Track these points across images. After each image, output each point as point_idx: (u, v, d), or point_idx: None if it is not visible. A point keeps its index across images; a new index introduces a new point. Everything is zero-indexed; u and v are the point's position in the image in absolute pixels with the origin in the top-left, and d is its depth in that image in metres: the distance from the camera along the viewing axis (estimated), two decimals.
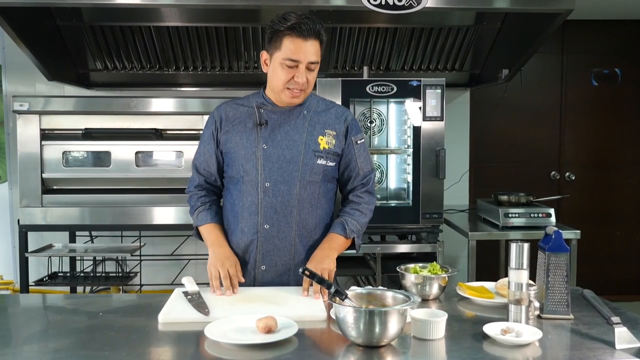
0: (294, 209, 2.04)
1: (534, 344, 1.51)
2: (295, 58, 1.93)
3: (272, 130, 2.05)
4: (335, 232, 2.08)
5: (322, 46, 1.98)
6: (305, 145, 2.04)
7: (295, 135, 2.05)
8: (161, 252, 4.30)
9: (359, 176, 2.14)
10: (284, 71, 1.95)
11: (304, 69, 1.95)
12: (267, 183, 2.02)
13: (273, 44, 1.96)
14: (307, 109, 2.09)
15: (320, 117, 2.09)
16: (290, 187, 2.03)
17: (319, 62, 1.99)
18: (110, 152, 3.63)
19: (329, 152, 2.07)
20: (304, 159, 2.04)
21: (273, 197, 2.03)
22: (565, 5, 3.18)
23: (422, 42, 3.88)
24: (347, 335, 1.49)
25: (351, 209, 2.14)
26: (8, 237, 4.31)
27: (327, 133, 2.07)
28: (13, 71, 4.25)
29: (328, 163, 2.07)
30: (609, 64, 4.71)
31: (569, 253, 1.74)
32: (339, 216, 2.15)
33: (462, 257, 4.31)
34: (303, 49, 1.92)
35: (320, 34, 1.95)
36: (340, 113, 2.13)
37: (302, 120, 2.07)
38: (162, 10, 3.52)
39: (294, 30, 1.90)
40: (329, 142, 2.07)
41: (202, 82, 4.23)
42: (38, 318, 1.86)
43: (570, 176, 4.81)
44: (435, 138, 3.47)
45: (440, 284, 1.92)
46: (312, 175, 2.05)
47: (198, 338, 1.54)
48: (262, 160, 2.03)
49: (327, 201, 2.14)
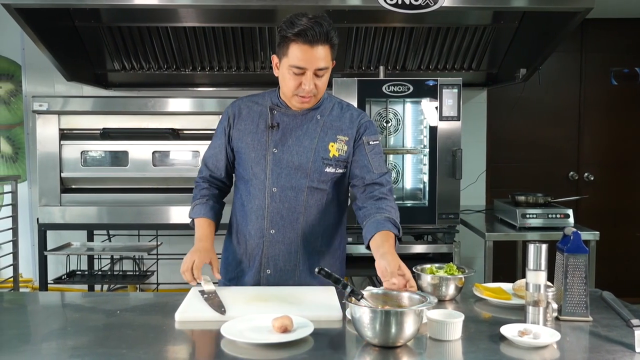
0: (301, 216, 2.02)
1: (552, 346, 1.50)
2: (301, 65, 1.87)
3: (284, 134, 2.02)
4: (388, 230, 1.88)
5: (334, 49, 1.91)
6: (315, 152, 2.00)
7: (306, 141, 2.01)
8: (178, 251, 4.31)
9: (375, 175, 2.00)
10: (292, 78, 1.91)
11: (312, 75, 1.89)
12: (275, 188, 2.00)
13: (281, 50, 1.91)
14: (321, 113, 2.04)
15: (334, 121, 2.04)
16: (297, 194, 2.01)
17: (329, 67, 1.92)
18: (128, 151, 3.66)
19: (338, 159, 2.02)
20: (312, 166, 2.00)
21: (280, 203, 2.01)
22: (584, 4, 3.15)
23: (439, 41, 3.86)
24: (363, 335, 1.48)
25: (385, 205, 1.96)
26: (27, 236, 4.36)
27: (338, 139, 2.02)
28: (32, 72, 4.31)
29: (337, 170, 2.03)
30: (629, 63, 4.65)
31: (587, 254, 1.72)
32: (372, 215, 1.93)
33: (479, 257, 4.28)
34: (310, 56, 1.86)
35: (330, 38, 1.87)
36: (355, 117, 2.06)
37: (315, 125, 2.03)
38: (179, 10, 3.54)
39: (301, 37, 1.84)
40: (340, 148, 2.02)
41: (219, 82, 4.25)
42: (56, 316, 1.88)
43: (589, 177, 4.76)
44: (451, 138, 3.45)
45: (456, 285, 1.91)
46: (320, 182, 2.02)
47: (214, 337, 1.54)
48: (272, 165, 2.01)
49: (334, 208, 2.08)
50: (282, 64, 1.93)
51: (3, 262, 3.84)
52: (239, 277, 2.11)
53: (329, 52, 1.90)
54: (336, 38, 1.92)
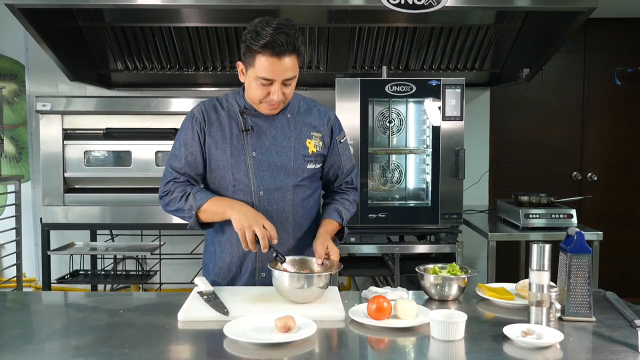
0: (289, 215, 2.03)
1: (555, 347, 1.49)
2: (269, 77, 1.86)
3: (259, 136, 2.00)
4: (332, 219, 2.08)
5: (300, 57, 1.90)
6: (295, 151, 2.02)
7: (284, 141, 2.01)
8: (180, 251, 4.33)
9: (343, 174, 2.17)
10: (259, 88, 1.89)
11: (280, 85, 1.88)
12: (261, 192, 1.99)
13: (247, 60, 1.88)
14: (290, 111, 2.04)
15: (304, 118, 2.06)
16: (284, 194, 2.01)
17: (297, 75, 1.91)
18: (131, 151, 3.67)
19: (317, 155, 2.06)
20: (294, 165, 2.02)
21: (268, 205, 2.00)
22: (587, 4, 3.15)
23: (442, 41, 3.86)
24: (279, 291, 1.82)
25: (341, 198, 2.17)
26: (31, 236, 4.37)
27: (313, 136, 2.05)
28: (36, 72, 4.32)
29: (316, 166, 2.07)
30: (632, 62, 4.63)
31: (591, 255, 1.72)
32: (329, 204, 2.16)
33: (482, 258, 4.28)
34: (277, 67, 1.84)
35: (297, 47, 1.86)
36: (323, 113, 2.10)
37: (287, 124, 2.03)
38: (182, 10, 3.54)
39: (267, 49, 1.82)
40: (317, 145, 2.05)
41: (221, 82, 4.26)
42: (60, 315, 1.89)
43: (592, 177, 4.75)
44: (454, 138, 3.45)
45: (459, 285, 1.91)
46: (304, 179, 2.05)
47: (217, 336, 1.54)
48: (254, 169, 1.99)
49: (315, 200, 2.14)
50: (248, 73, 1.92)
51: (6, 261, 3.85)
52: (230, 284, 2.07)
53: (296, 61, 1.88)
54: (302, 46, 1.90)
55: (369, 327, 1.62)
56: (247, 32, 1.87)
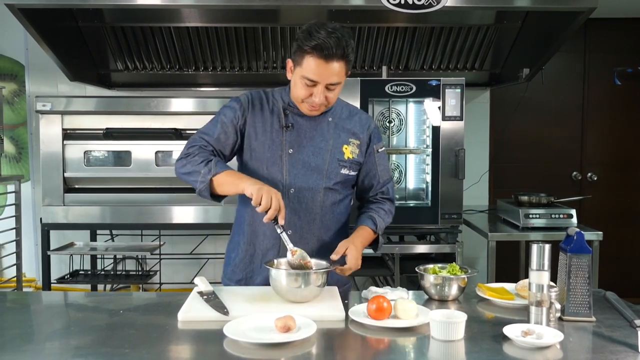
0: (317, 216, 2.03)
1: (555, 347, 1.49)
2: (314, 79, 1.87)
3: (298, 134, 2.02)
4: (366, 225, 2.05)
5: (349, 64, 1.91)
6: (331, 154, 2.02)
7: (322, 143, 2.03)
8: (180, 251, 4.33)
9: (379, 184, 2.14)
10: (303, 87, 1.91)
11: (323, 88, 1.90)
12: (292, 189, 2.00)
13: (296, 58, 1.90)
14: (332, 115, 2.06)
15: (345, 124, 2.07)
16: (314, 194, 2.02)
17: (342, 81, 1.93)
18: (131, 151, 3.67)
19: (352, 161, 2.06)
20: (328, 168, 2.02)
21: (297, 204, 2.01)
22: (587, 4, 3.15)
23: (442, 41, 3.86)
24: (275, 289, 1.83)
25: (377, 207, 2.13)
26: (31, 236, 4.37)
27: (351, 142, 2.06)
28: (36, 72, 4.32)
29: (350, 172, 2.07)
30: (632, 62, 4.63)
31: (591, 255, 1.72)
32: (364, 212, 2.13)
33: (482, 258, 4.27)
34: (323, 70, 1.86)
35: (346, 54, 1.87)
36: (364, 121, 2.11)
37: (328, 127, 2.04)
38: (182, 10, 3.55)
39: (316, 50, 1.83)
40: (353, 151, 2.06)
41: (222, 82, 4.26)
42: (60, 315, 1.88)
43: (592, 177, 4.75)
44: (454, 138, 3.45)
45: (459, 285, 1.91)
46: (336, 184, 2.04)
47: (217, 336, 1.54)
48: (288, 166, 2.00)
49: (345, 206, 2.13)
50: (295, 72, 1.93)
51: (6, 261, 3.85)
52: (248, 278, 2.08)
53: (344, 67, 1.90)
54: (353, 54, 1.91)
55: (368, 327, 1.62)
56: (301, 32, 1.89)
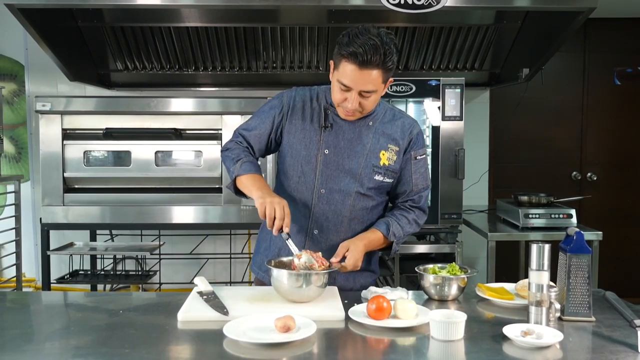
0: (345, 219, 2.02)
1: (555, 347, 1.50)
2: (347, 84, 1.86)
3: (336, 135, 2.00)
4: (378, 229, 2.02)
5: (387, 74, 1.87)
6: (366, 159, 2.00)
7: (358, 146, 2.00)
8: (180, 251, 4.33)
9: (412, 192, 2.08)
10: (338, 91, 1.90)
11: (357, 95, 1.87)
12: (323, 190, 2.00)
13: (336, 60, 1.89)
14: (374, 119, 2.02)
15: (385, 128, 2.03)
16: (344, 197, 2.00)
17: (379, 90, 1.89)
18: (131, 151, 3.66)
19: (388, 168, 2.02)
20: (362, 172, 2.00)
21: (326, 205, 2.00)
22: (587, 4, 3.14)
23: (441, 41, 3.86)
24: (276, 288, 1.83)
25: (400, 214, 2.09)
26: (30, 236, 4.37)
27: (389, 148, 2.02)
28: (35, 72, 4.32)
29: (385, 179, 2.03)
30: (632, 62, 4.64)
31: (590, 254, 1.72)
32: (385, 216, 2.09)
33: (482, 258, 4.27)
34: (357, 77, 1.83)
35: (384, 63, 1.82)
36: (407, 127, 2.05)
37: (367, 131, 2.01)
38: (182, 10, 3.54)
39: (352, 57, 1.81)
40: (390, 158, 2.02)
41: (221, 82, 4.26)
42: (59, 315, 1.89)
43: (591, 176, 4.75)
44: (454, 138, 3.45)
45: (459, 285, 1.91)
46: (368, 189, 2.02)
47: (217, 336, 1.54)
48: (322, 166, 1.99)
49: (377, 213, 2.10)
50: (333, 74, 1.93)
51: (6, 261, 3.85)
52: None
53: (380, 75, 1.85)
54: (393, 62, 1.86)
55: (368, 327, 1.62)
56: (343, 35, 1.87)
